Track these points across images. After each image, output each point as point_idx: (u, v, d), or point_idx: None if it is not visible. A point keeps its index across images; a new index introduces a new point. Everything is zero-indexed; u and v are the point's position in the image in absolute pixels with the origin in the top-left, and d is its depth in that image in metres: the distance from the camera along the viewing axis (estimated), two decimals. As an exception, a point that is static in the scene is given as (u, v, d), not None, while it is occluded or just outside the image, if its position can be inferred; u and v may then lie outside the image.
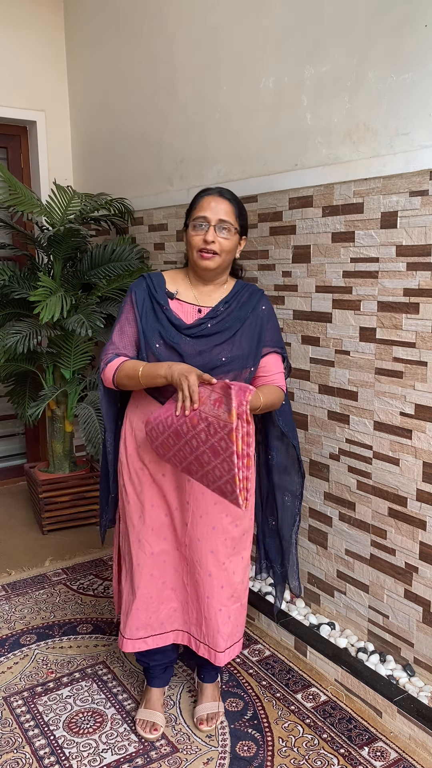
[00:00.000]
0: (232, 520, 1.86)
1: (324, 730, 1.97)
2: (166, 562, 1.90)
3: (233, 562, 1.90)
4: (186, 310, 1.83)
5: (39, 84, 3.78)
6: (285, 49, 2.31)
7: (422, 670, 2.07)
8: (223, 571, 1.88)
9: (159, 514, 1.87)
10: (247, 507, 1.87)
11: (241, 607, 1.95)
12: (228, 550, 1.88)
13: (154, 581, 1.90)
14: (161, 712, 2.01)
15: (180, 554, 1.89)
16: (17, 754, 1.90)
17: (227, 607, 1.90)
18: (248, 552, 1.95)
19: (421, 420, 1.99)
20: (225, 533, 1.86)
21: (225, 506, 1.84)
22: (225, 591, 1.89)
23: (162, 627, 1.93)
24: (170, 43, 2.92)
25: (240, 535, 1.90)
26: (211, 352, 1.78)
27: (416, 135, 1.90)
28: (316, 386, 2.36)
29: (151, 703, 2.02)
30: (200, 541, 1.85)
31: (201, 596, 1.88)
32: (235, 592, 1.91)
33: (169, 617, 1.93)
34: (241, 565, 1.92)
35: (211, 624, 1.89)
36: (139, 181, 3.31)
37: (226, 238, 1.78)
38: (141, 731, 1.96)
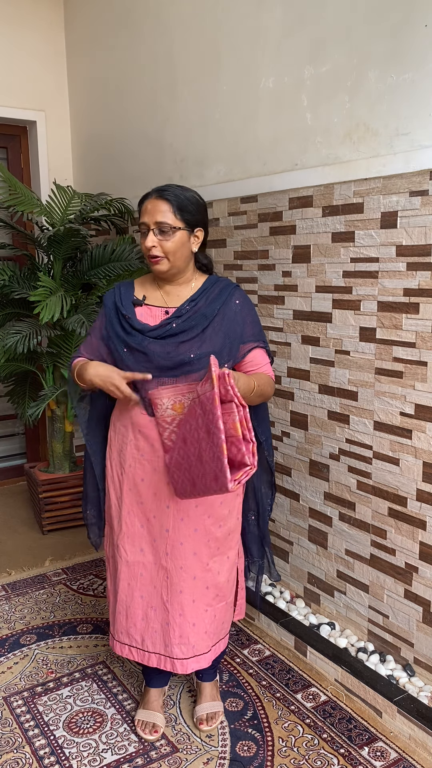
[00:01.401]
0: (214, 521, 1.84)
1: (324, 730, 1.97)
2: (143, 576, 1.86)
3: (218, 562, 1.88)
4: (154, 314, 1.81)
5: (39, 84, 3.78)
6: (285, 49, 2.31)
7: (422, 670, 2.07)
8: (208, 572, 1.86)
9: (135, 523, 1.85)
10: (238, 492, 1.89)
11: (226, 605, 1.94)
12: (212, 551, 1.86)
13: (131, 591, 1.88)
14: (161, 713, 2.00)
15: (158, 570, 1.85)
16: (17, 754, 1.90)
17: (213, 606, 1.89)
18: (234, 551, 1.93)
19: (421, 420, 1.99)
20: (208, 535, 1.84)
21: (207, 508, 1.82)
22: (210, 591, 1.88)
23: (144, 644, 1.89)
24: (170, 43, 2.92)
25: (224, 535, 1.88)
26: (178, 350, 1.74)
27: (416, 135, 1.90)
28: (316, 386, 2.36)
29: (150, 703, 2.02)
30: (183, 544, 1.82)
31: (186, 605, 1.84)
32: (220, 591, 1.90)
33: (151, 638, 1.88)
34: (227, 565, 1.91)
35: (198, 628, 1.86)
36: (139, 181, 3.31)
37: (166, 239, 1.72)
38: (141, 732, 1.95)
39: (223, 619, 1.94)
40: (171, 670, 1.87)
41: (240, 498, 1.94)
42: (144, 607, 1.88)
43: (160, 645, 1.88)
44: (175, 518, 1.82)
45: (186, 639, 1.86)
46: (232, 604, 1.98)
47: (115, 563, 1.91)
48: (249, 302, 1.85)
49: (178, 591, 1.84)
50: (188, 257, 1.79)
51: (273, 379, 1.86)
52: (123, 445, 1.85)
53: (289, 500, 2.55)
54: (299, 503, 2.50)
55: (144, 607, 1.88)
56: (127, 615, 1.89)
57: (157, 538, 1.84)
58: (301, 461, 2.47)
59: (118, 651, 1.93)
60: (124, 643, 1.92)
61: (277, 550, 2.66)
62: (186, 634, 1.86)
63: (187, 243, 1.76)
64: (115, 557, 1.90)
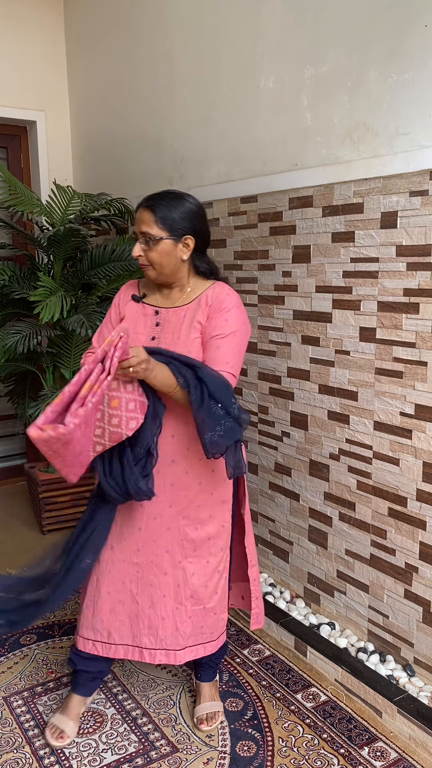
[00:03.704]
0: (190, 522, 1.84)
1: (324, 730, 1.97)
2: (111, 572, 1.86)
3: (193, 564, 1.87)
4: (147, 311, 1.83)
5: (39, 84, 3.78)
6: (285, 49, 2.31)
7: (422, 670, 2.07)
8: (180, 570, 1.86)
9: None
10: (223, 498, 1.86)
11: (204, 611, 1.90)
12: (186, 551, 1.85)
13: (99, 587, 1.88)
14: (74, 722, 1.96)
15: (127, 566, 1.85)
16: (17, 754, 1.90)
17: (185, 606, 1.87)
18: (217, 558, 1.90)
19: (421, 420, 1.99)
20: (181, 534, 1.84)
21: (182, 509, 1.83)
22: (182, 590, 1.87)
23: (110, 638, 1.89)
24: (170, 43, 2.92)
25: (203, 539, 1.86)
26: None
27: (416, 135, 1.90)
28: (316, 386, 2.36)
29: (68, 709, 1.97)
30: (155, 541, 1.84)
31: (156, 599, 1.86)
32: (195, 593, 1.88)
33: (118, 630, 1.88)
34: (206, 570, 1.89)
35: (167, 623, 1.87)
36: (139, 181, 3.31)
37: (150, 249, 1.72)
38: (48, 735, 1.92)
39: (202, 624, 1.91)
40: (139, 659, 1.89)
41: (227, 505, 1.90)
42: (111, 602, 1.88)
43: (128, 636, 1.89)
44: (148, 517, 1.83)
45: (154, 631, 1.87)
46: (213, 612, 1.93)
47: None
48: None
49: (148, 584, 1.86)
50: (177, 265, 1.77)
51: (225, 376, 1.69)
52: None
53: (289, 500, 2.55)
54: (299, 503, 2.50)
55: (111, 602, 1.88)
56: (93, 610, 1.89)
57: (128, 536, 1.85)
58: (301, 461, 2.47)
59: (80, 646, 1.92)
60: (87, 638, 1.91)
61: (277, 550, 2.66)
62: (154, 625, 1.87)
63: (174, 252, 1.74)
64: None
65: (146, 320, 1.82)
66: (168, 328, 1.79)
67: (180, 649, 1.89)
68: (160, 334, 1.79)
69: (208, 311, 1.76)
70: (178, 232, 1.73)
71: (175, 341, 1.76)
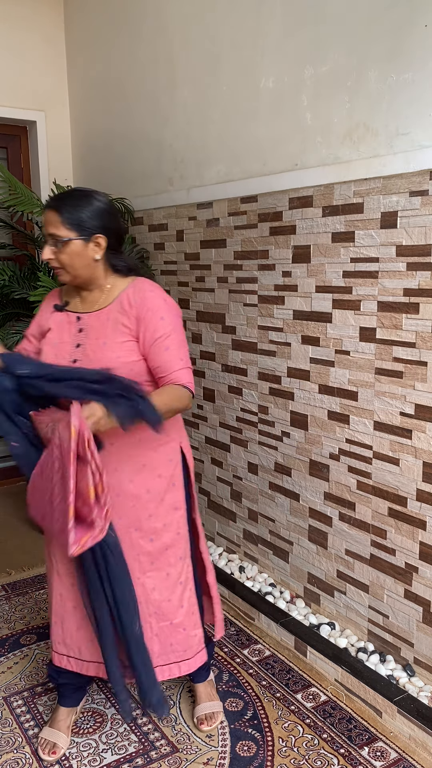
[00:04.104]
0: (142, 535, 1.78)
1: (324, 730, 1.97)
2: (74, 586, 1.80)
3: (153, 578, 1.81)
4: (70, 319, 1.77)
5: (39, 84, 3.78)
6: (285, 49, 2.31)
7: (422, 670, 2.07)
8: (140, 587, 1.79)
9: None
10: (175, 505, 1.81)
11: (171, 626, 1.84)
12: (143, 566, 1.80)
13: (64, 602, 1.84)
14: (65, 734, 1.92)
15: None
16: (17, 754, 1.90)
17: (150, 624, 1.81)
18: (177, 569, 1.84)
19: (421, 420, 1.99)
20: (136, 548, 1.78)
21: (133, 521, 1.76)
22: (144, 607, 1.80)
23: (81, 654, 1.85)
24: (170, 43, 2.92)
25: (158, 550, 1.80)
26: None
27: (416, 135, 1.90)
28: (316, 386, 2.36)
29: (57, 722, 1.94)
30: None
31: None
32: (158, 609, 1.82)
33: (88, 648, 1.84)
34: (166, 583, 1.83)
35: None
36: (139, 181, 3.31)
37: (60, 251, 1.66)
38: (40, 751, 1.89)
39: (171, 641, 1.85)
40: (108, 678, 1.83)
41: (180, 512, 1.84)
42: (77, 618, 1.83)
43: (97, 654, 1.83)
44: None
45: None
46: (182, 627, 1.86)
47: (48, 573, 1.88)
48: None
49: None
50: (90, 266, 1.70)
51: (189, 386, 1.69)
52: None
53: (289, 500, 2.55)
54: (299, 503, 2.50)
55: (77, 618, 1.83)
56: (62, 626, 1.86)
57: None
58: (301, 461, 2.47)
59: (56, 662, 1.89)
60: (62, 654, 1.88)
61: (277, 550, 2.66)
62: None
63: (85, 252, 1.67)
64: (48, 568, 1.88)
65: (70, 328, 1.76)
66: (92, 333, 1.72)
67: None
68: (85, 341, 1.72)
69: (134, 313, 1.69)
70: (87, 231, 1.67)
71: (101, 346, 1.69)
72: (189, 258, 2.97)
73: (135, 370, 1.69)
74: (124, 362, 1.68)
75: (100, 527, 1.49)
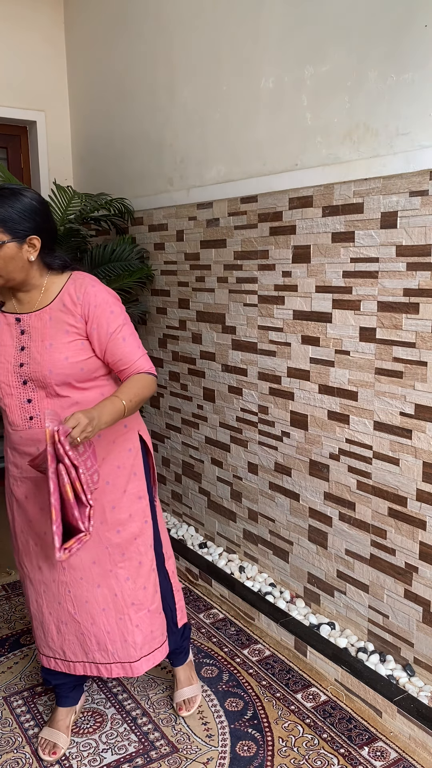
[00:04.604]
0: (109, 527, 1.77)
1: (324, 730, 1.97)
2: (46, 592, 1.82)
3: (126, 569, 1.81)
4: (8, 321, 1.71)
5: (39, 84, 3.78)
6: (285, 49, 2.31)
7: (422, 670, 2.07)
8: (113, 579, 1.80)
9: (29, 541, 1.80)
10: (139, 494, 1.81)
11: (149, 613, 1.85)
12: (115, 558, 1.79)
13: (40, 607, 1.84)
14: (65, 734, 1.93)
15: (58, 585, 1.80)
16: (17, 754, 1.90)
17: (129, 615, 1.82)
18: (148, 557, 1.85)
19: (421, 420, 1.99)
20: (104, 542, 1.78)
21: (98, 513, 1.76)
22: (120, 599, 1.81)
23: (65, 655, 1.86)
24: (170, 43, 2.92)
25: (126, 541, 1.80)
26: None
27: (416, 135, 1.90)
28: (316, 386, 2.36)
29: (56, 722, 1.95)
30: (78, 555, 1.76)
31: (96, 614, 1.80)
32: (135, 599, 1.82)
33: (71, 649, 1.85)
34: (141, 572, 1.83)
35: (115, 636, 1.82)
36: (139, 181, 3.31)
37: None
38: (40, 751, 1.89)
39: (152, 629, 1.87)
40: (97, 674, 1.86)
41: (144, 501, 1.84)
42: (55, 622, 1.84)
43: (81, 653, 1.85)
44: None
45: (104, 646, 1.83)
46: (158, 612, 1.88)
47: (22, 580, 1.89)
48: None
49: (83, 601, 1.80)
50: (25, 267, 1.64)
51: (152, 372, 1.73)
52: (6, 463, 1.82)
53: (289, 500, 2.55)
54: (299, 503, 2.50)
55: (55, 622, 1.84)
56: (43, 629, 1.87)
57: (51, 554, 1.77)
58: (301, 461, 2.47)
59: (45, 664, 1.89)
60: (49, 656, 1.89)
61: (277, 550, 2.66)
62: (102, 641, 1.82)
63: (19, 255, 1.60)
64: (21, 576, 1.88)
65: (10, 330, 1.70)
66: (35, 334, 1.67)
67: (135, 660, 1.84)
68: (29, 343, 1.67)
69: (80, 311, 1.66)
70: (21, 233, 1.59)
71: (47, 348, 1.65)
72: (189, 258, 2.97)
73: (86, 368, 1.68)
74: (73, 362, 1.65)
75: (84, 528, 1.49)
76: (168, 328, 3.21)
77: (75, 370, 1.66)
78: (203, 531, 3.13)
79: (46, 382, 1.66)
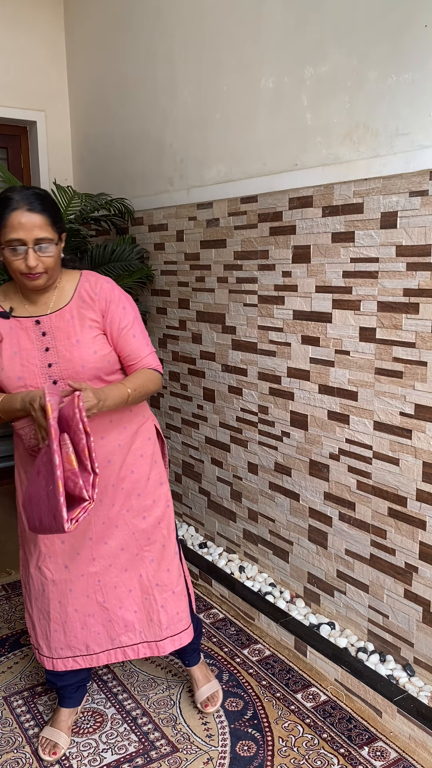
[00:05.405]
0: (135, 514, 1.84)
1: (324, 730, 1.97)
2: (73, 591, 1.83)
3: (150, 551, 1.87)
4: (24, 325, 1.71)
5: (39, 84, 3.78)
6: (285, 49, 2.31)
7: (422, 669, 2.07)
8: (139, 561, 1.86)
9: (54, 541, 1.81)
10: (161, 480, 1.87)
11: (173, 595, 1.90)
12: (141, 542, 1.86)
13: (64, 608, 1.84)
14: (66, 734, 1.93)
15: (87, 579, 1.83)
16: (17, 754, 1.90)
17: (154, 596, 1.88)
18: (172, 539, 1.91)
19: (421, 420, 1.99)
20: (131, 527, 1.84)
21: (123, 502, 1.82)
22: (145, 580, 1.87)
23: (89, 649, 1.88)
24: (170, 43, 2.92)
25: (152, 525, 1.87)
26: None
27: (416, 135, 1.90)
28: (316, 386, 2.36)
29: (58, 722, 1.95)
30: (107, 543, 1.82)
31: (123, 596, 1.85)
32: (159, 581, 1.88)
33: (96, 640, 1.87)
34: (165, 554, 1.89)
35: (141, 615, 1.87)
36: (139, 181, 3.31)
37: (47, 255, 1.61)
38: (40, 750, 1.90)
39: (177, 610, 1.91)
40: (123, 659, 1.89)
41: (165, 486, 1.91)
42: (80, 618, 1.85)
43: (107, 642, 1.88)
44: (96, 524, 1.81)
45: (131, 626, 1.87)
46: (183, 594, 1.93)
47: (41, 584, 1.86)
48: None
49: (112, 587, 1.85)
50: (59, 265, 1.71)
51: (159, 369, 1.81)
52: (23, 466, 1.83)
53: (289, 500, 2.56)
54: (299, 503, 2.50)
55: (80, 618, 1.85)
56: (64, 631, 1.86)
57: (81, 549, 1.81)
58: (301, 461, 2.47)
59: (61, 667, 1.88)
60: (66, 657, 1.88)
61: (277, 550, 2.66)
62: (130, 621, 1.87)
63: (59, 253, 1.67)
64: (40, 580, 1.85)
65: (28, 333, 1.70)
66: (59, 334, 1.69)
67: (161, 639, 1.89)
68: (53, 342, 1.69)
69: (98, 307, 1.71)
70: (60, 230, 1.66)
71: (74, 345, 1.69)
72: (189, 258, 2.97)
73: (111, 361, 1.75)
74: (101, 355, 1.72)
75: (89, 496, 1.49)
76: (168, 328, 3.21)
77: (104, 362, 1.72)
78: (203, 531, 3.14)
79: (78, 378, 1.70)
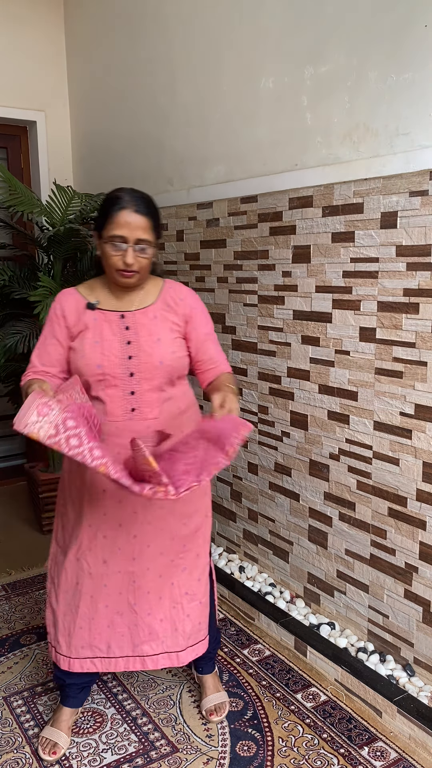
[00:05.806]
0: (178, 519, 1.84)
1: (324, 730, 1.97)
2: (107, 586, 1.83)
3: (185, 560, 1.87)
4: (108, 318, 1.77)
5: (39, 84, 3.78)
6: (285, 49, 2.31)
7: (422, 670, 2.07)
8: (174, 568, 1.86)
9: (97, 535, 1.81)
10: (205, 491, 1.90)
11: (200, 605, 1.91)
12: (177, 549, 1.86)
13: (95, 603, 1.84)
14: (67, 734, 1.93)
15: (123, 576, 1.82)
16: (17, 754, 1.90)
17: (182, 605, 1.87)
18: (205, 549, 1.92)
19: (421, 420, 1.99)
20: (172, 533, 1.84)
21: (170, 507, 1.81)
22: (176, 588, 1.86)
23: (110, 651, 1.86)
24: (170, 43, 2.92)
25: (190, 533, 1.87)
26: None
27: (416, 135, 1.90)
28: (316, 386, 2.36)
29: (59, 722, 1.94)
30: (150, 546, 1.82)
31: (153, 603, 1.84)
32: (189, 589, 1.88)
33: (118, 642, 1.86)
34: (197, 563, 1.90)
35: (166, 624, 1.85)
36: (138, 181, 3.31)
37: (144, 256, 1.70)
38: (40, 750, 1.89)
39: (200, 620, 1.92)
40: (141, 668, 1.87)
41: (207, 498, 1.93)
42: (109, 615, 1.84)
43: (128, 647, 1.86)
44: (143, 523, 1.81)
45: (155, 635, 1.85)
46: (206, 606, 1.94)
47: (75, 577, 1.85)
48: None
49: (145, 592, 1.83)
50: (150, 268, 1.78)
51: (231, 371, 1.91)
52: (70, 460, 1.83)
53: (289, 500, 2.55)
54: (299, 503, 2.50)
55: (109, 615, 1.84)
56: (90, 628, 1.85)
57: (123, 545, 1.81)
58: (301, 461, 2.47)
59: (77, 668, 1.87)
60: (85, 658, 1.87)
61: (277, 550, 2.66)
62: (155, 630, 1.85)
63: (154, 255, 1.77)
64: (76, 573, 1.85)
65: (111, 326, 1.76)
66: (142, 330, 1.76)
67: (181, 650, 1.88)
68: (135, 337, 1.75)
69: (182, 312, 1.81)
70: (158, 236, 1.76)
71: (156, 342, 1.76)
72: (189, 258, 2.97)
73: (184, 364, 1.83)
74: (178, 357, 1.80)
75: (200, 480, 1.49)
76: (168, 328, 3.21)
77: (178, 364, 1.80)
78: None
79: (154, 374, 1.76)
